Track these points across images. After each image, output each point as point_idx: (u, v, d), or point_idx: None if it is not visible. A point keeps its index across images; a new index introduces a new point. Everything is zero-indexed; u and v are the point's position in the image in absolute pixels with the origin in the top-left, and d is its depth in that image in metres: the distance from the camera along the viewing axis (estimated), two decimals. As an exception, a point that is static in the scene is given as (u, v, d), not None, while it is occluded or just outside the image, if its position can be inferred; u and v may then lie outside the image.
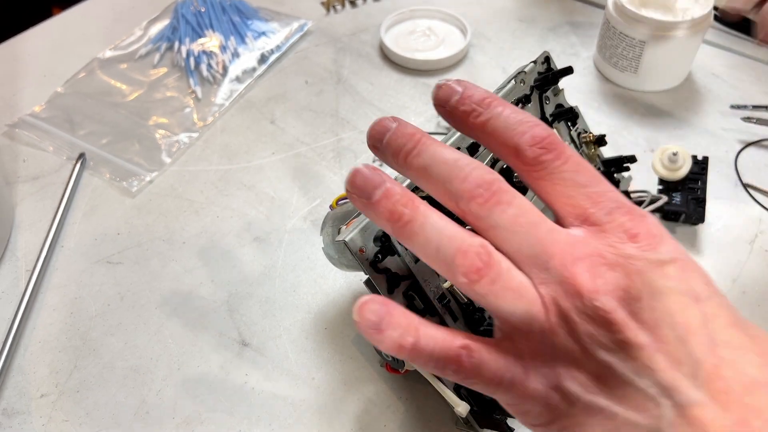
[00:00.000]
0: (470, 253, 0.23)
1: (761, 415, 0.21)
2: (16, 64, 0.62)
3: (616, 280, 0.22)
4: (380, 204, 0.25)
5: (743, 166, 0.50)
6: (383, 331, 0.23)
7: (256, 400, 0.38)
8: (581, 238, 0.23)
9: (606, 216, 0.24)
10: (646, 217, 0.24)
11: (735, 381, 0.21)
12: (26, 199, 0.50)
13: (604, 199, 0.24)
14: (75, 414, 0.38)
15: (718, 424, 0.20)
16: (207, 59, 0.60)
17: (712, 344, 0.22)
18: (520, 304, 0.23)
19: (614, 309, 0.22)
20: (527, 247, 0.23)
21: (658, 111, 0.55)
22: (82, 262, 0.46)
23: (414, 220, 0.24)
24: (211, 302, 0.43)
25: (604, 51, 0.57)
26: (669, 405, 0.21)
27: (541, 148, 0.24)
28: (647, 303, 0.22)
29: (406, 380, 0.38)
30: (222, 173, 0.52)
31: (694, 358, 0.21)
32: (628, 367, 0.22)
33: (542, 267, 0.23)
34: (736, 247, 0.45)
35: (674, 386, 0.21)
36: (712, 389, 0.21)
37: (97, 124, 0.56)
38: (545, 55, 0.36)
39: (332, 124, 0.55)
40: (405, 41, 0.63)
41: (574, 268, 0.22)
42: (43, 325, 0.42)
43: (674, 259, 0.23)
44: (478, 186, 0.24)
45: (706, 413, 0.21)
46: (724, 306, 0.23)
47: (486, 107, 0.26)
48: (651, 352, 0.21)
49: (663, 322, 0.22)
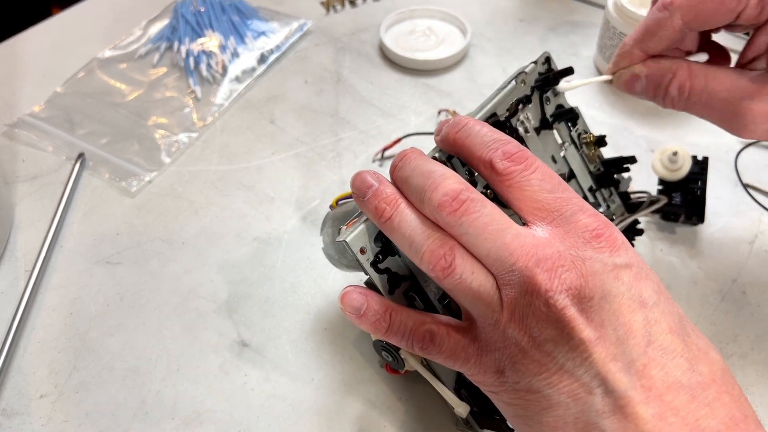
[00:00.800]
0: (437, 253, 0.26)
1: (677, 413, 0.23)
2: (16, 64, 0.62)
3: (571, 280, 0.24)
4: (369, 201, 0.28)
5: (743, 166, 0.50)
6: (362, 317, 0.29)
7: (255, 401, 0.38)
8: (545, 240, 0.26)
9: (572, 216, 0.26)
10: (610, 224, 0.26)
11: (659, 380, 0.24)
12: (25, 199, 0.50)
13: (570, 202, 0.26)
14: (74, 414, 0.38)
15: (640, 415, 0.23)
16: (206, 59, 0.60)
17: (647, 346, 0.24)
18: (479, 304, 0.26)
19: (566, 306, 0.24)
20: (494, 252, 0.26)
21: (658, 111, 0.55)
22: (81, 263, 0.45)
23: (393, 216, 0.28)
24: (210, 303, 0.43)
25: (604, 51, 0.57)
26: (600, 393, 0.24)
27: (510, 161, 0.27)
28: (597, 303, 0.24)
29: (406, 381, 0.38)
30: (221, 173, 0.52)
31: (628, 356, 0.24)
32: (569, 357, 0.24)
33: (507, 269, 0.25)
34: (736, 247, 0.45)
35: (607, 378, 0.24)
36: (638, 385, 0.23)
37: (96, 124, 0.56)
38: (546, 56, 0.36)
39: (332, 123, 0.55)
40: (405, 41, 0.63)
41: (535, 269, 0.25)
42: (43, 325, 0.42)
43: (629, 264, 0.25)
44: (446, 195, 0.26)
45: (629, 404, 0.23)
46: (667, 313, 0.25)
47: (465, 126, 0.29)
48: (592, 346, 0.24)
49: (608, 322, 0.24)
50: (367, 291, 0.29)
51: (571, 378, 0.24)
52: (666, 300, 0.26)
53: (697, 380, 0.24)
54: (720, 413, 0.23)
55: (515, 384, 0.26)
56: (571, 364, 0.24)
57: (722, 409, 0.23)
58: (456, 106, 0.56)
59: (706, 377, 0.24)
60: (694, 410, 0.23)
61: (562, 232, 0.26)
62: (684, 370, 0.24)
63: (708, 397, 0.23)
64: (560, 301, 0.24)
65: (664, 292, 0.26)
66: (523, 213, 0.27)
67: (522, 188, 0.27)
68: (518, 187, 0.27)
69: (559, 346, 0.24)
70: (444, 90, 0.58)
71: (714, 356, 0.25)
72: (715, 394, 0.24)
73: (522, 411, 0.26)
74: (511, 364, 0.26)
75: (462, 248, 0.26)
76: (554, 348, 0.24)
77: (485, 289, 0.26)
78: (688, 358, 0.24)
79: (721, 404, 0.23)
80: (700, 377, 0.24)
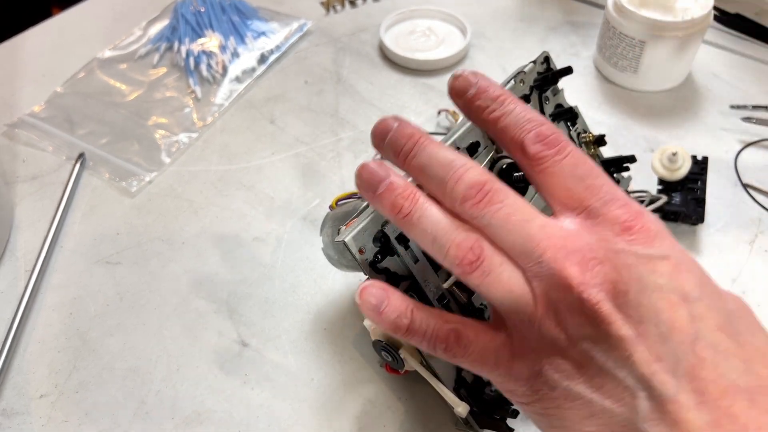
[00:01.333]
0: (463, 246, 0.24)
1: (736, 421, 0.21)
2: (16, 64, 0.62)
3: (605, 273, 0.23)
4: (383, 197, 0.26)
5: (743, 166, 0.50)
6: (382, 313, 0.26)
7: (255, 401, 0.38)
8: (574, 232, 0.24)
9: (602, 207, 0.24)
10: (643, 213, 0.24)
11: (713, 383, 0.21)
12: (25, 199, 0.50)
13: (602, 191, 0.25)
14: (74, 414, 0.38)
15: (692, 422, 0.21)
16: (207, 59, 0.60)
17: (695, 344, 0.22)
18: (510, 297, 0.24)
19: (601, 301, 0.22)
20: (520, 243, 0.24)
21: (657, 111, 0.55)
22: (81, 263, 0.46)
23: (413, 212, 0.25)
24: (210, 303, 0.43)
25: (603, 51, 0.57)
26: (645, 397, 0.22)
27: (543, 145, 0.25)
28: (634, 298, 0.22)
29: (406, 381, 0.38)
30: (221, 173, 0.52)
31: (674, 356, 0.22)
32: (609, 357, 0.22)
33: (535, 261, 0.24)
34: (736, 248, 0.45)
35: (652, 380, 0.22)
36: (689, 388, 0.21)
37: (96, 124, 0.56)
38: (545, 55, 0.36)
39: (332, 124, 0.55)
40: (405, 41, 0.63)
41: (565, 261, 0.23)
42: (43, 325, 0.42)
43: (667, 256, 0.23)
44: (470, 187, 0.25)
45: (680, 410, 0.21)
46: (714, 309, 0.23)
47: (500, 104, 0.27)
48: (632, 345, 0.22)
49: (648, 318, 0.22)
50: (387, 287, 0.27)
51: (614, 381, 0.22)
52: (712, 294, 0.23)
53: (756, 383, 0.22)
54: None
55: (551, 391, 0.24)
56: (611, 364, 0.22)
57: None
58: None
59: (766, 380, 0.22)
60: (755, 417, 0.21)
61: (591, 224, 0.24)
62: (740, 371, 0.22)
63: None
64: (594, 296, 0.22)
65: (710, 285, 0.24)
66: (552, 201, 0.25)
67: (553, 174, 0.25)
68: (549, 174, 0.25)
69: (597, 345, 0.22)
70: (444, 90, 0.58)
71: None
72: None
73: (559, 422, 0.24)
74: (549, 367, 0.24)
75: (488, 241, 0.25)
76: (592, 347, 0.23)
77: (516, 282, 0.24)
78: (744, 358, 0.22)
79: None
80: (759, 380, 0.22)
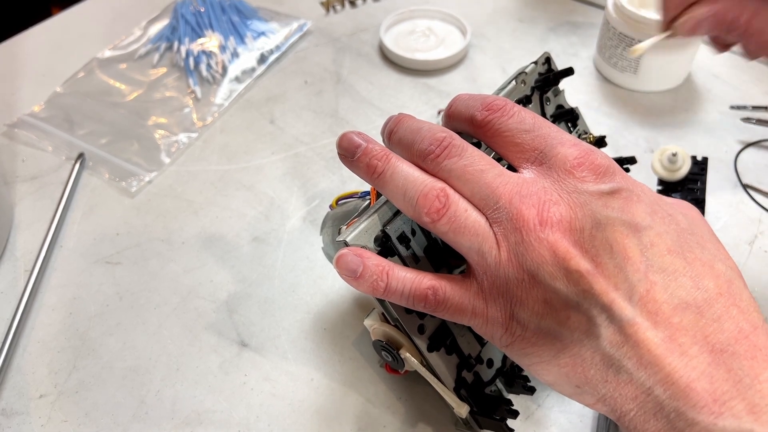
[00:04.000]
0: (430, 195, 0.26)
1: (687, 333, 0.23)
2: (16, 64, 0.62)
3: (560, 213, 0.24)
4: (360, 160, 0.28)
5: (743, 166, 0.50)
6: (359, 278, 0.27)
7: (254, 401, 0.38)
8: (529, 179, 0.26)
9: (551, 150, 0.26)
10: (592, 150, 0.26)
11: (665, 303, 0.24)
12: (25, 198, 0.50)
13: (549, 137, 0.26)
14: (74, 414, 0.38)
15: (650, 340, 0.23)
16: (206, 59, 0.60)
17: (648, 271, 0.24)
18: (476, 240, 0.26)
19: (558, 240, 0.24)
20: (478, 191, 0.26)
21: (658, 111, 0.55)
22: (81, 262, 0.45)
23: (386, 170, 0.28)
24: (210, 302, 0.43)
25: (604, 51, 0.57)
26: (607, 324, 0.24)
27: (488, 110, 0.28)
28: (589, 233, 0.24)
29: (406, 381, 0.38)
30: (221, 173, 0.52)
31: (629, 283, 0.24)
32: (570, 291, 0.24)
33: (493, 207, 0.26)
34: (736, 248, 0.45)
35: (611, 307, 0.24)
36: (644, 310, 0.24)
37: (96, 124, 0.56)
38: (546, 56, 0.36)
39: (332, 124, 0.55)
40: (405, 41, 0.63)
41: (520, 205, 0.25)
42: (42, 325, 0.42)
43: (617, 189, 0.25)
44: (431, 143, 0.27)
45: (638, 331, 0.23)
46: (663, 233, 0.25)
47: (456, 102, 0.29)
48: (591, 277, 0.24)
49: (603, 251, 0.24)
50: (362, 251, 0.28)
51: (578, 313, 0.24)
52: (662, 219, 0.25)
53: (702, 297, 0.24)
54: (728, 327, 0.23)
55: (525, 331, 0.26)
56: (574, 297, 0.24)
57: (730, 322, 0.23)
58: (456, 107, 0.56)
59: (712, 292, 0.24)
60: (702, 327, 0.23)
61: (545, 169, 0.26)
62: (688, 288, 0.24)
63: (715, 313, 0.23)
64: (551, 236, 0.24)
65: (660, 211, 0.26)
66: (510, 159, 0.27)
67: (502, 134, 0.27)
68: (498, 134, 0.27)
69: (558, 282, 0.24)
70: (444, 90, 0.58)
71: (719, 268, 0.25)
72: (723, 308, 0.24)
73: (537, 359, 0.26)
74: (518, 307, 0.25)
75: (453, 189, 0.27)
76: (554, 283, 0.24)
77: (480, 226, 0.26)
78: (691, 276, 0.24)
79: (729, 318, 0.23)
80: (705, 293, 0.24)
